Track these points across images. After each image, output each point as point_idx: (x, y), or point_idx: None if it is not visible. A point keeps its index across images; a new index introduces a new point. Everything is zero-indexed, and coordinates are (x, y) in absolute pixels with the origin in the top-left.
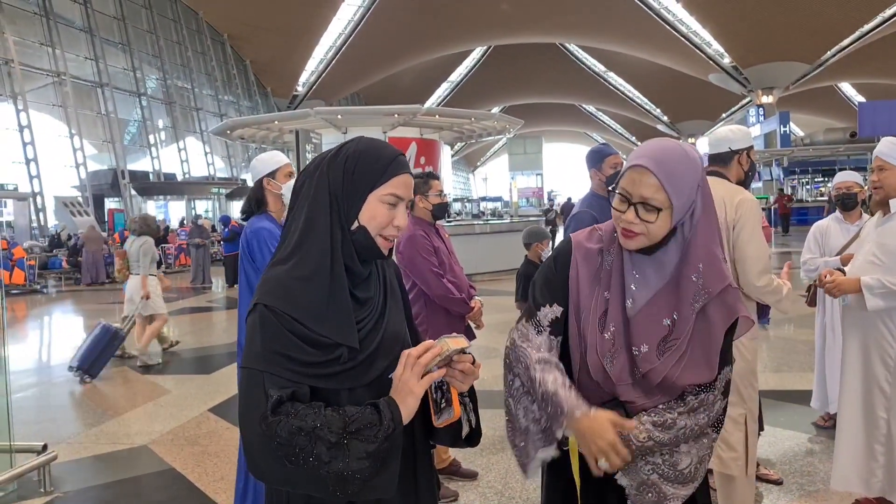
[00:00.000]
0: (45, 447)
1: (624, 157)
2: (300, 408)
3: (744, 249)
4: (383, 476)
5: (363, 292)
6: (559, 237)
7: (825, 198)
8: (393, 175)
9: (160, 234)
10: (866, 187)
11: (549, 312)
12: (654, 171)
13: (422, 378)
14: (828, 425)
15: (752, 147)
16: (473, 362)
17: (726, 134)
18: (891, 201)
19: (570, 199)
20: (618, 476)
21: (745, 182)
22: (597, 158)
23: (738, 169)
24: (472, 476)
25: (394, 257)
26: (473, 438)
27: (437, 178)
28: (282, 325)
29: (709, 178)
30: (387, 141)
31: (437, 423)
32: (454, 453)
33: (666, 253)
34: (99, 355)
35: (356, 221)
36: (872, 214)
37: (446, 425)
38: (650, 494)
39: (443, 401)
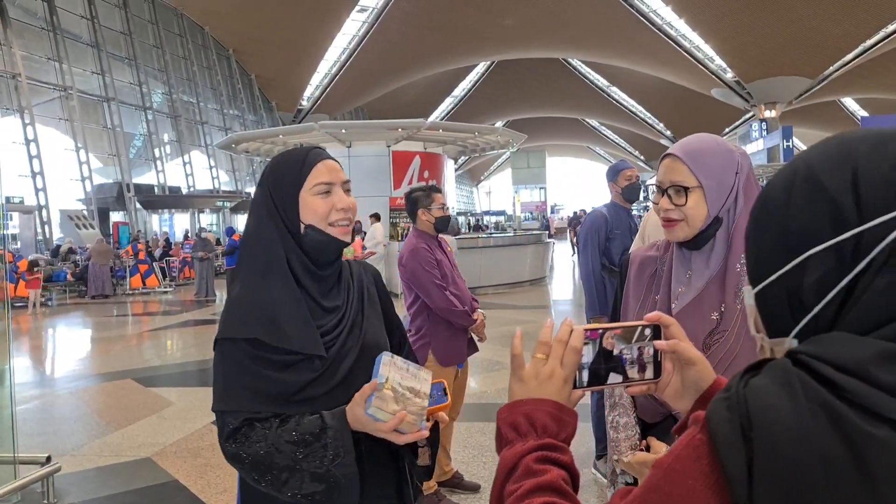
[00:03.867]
0: (48, 459)
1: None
2: (252, 433)
3: None
4: (342, 492)
5: (330, 301)
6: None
7: None
8: (311, 167)
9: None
10: None
11: None
12: (679, 154)
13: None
14: None
15: None
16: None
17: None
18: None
19: (576, 213)
20: None
21: None
22: (613, 173)
23: None
24: (474, 488)
25: (397, 269)
26: (423, 472)
27: (440, 191)
28: (241, 355)
29: None
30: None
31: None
32: (456, 465)
33: (714, 246)
34: None
35: (301, 224)
36: None
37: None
38: None
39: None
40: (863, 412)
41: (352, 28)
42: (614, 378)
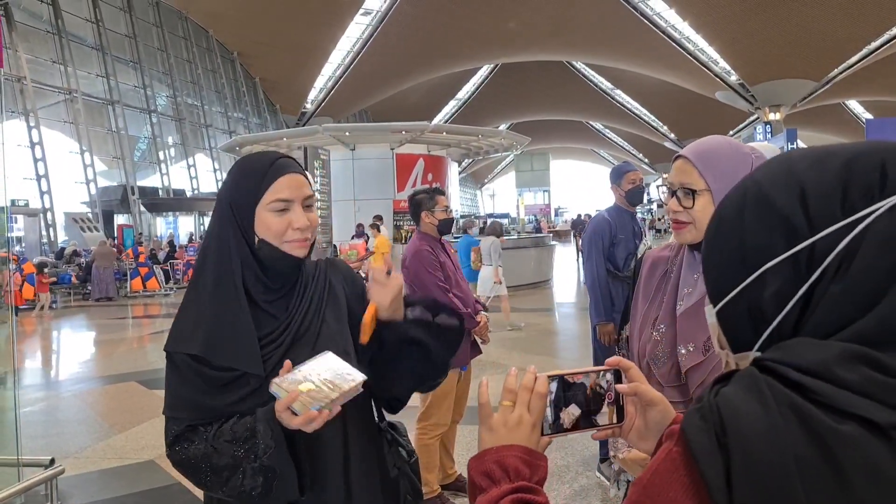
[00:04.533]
0: (52, 461)
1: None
2: (195, 436)
3: None
4: (280, 484)
5: (278, 309)
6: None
7: None
8: (271, 181)
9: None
10: None
11: (625, 333)
12: (689, 156)
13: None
14: None
15: None
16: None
17: (767, 155)
18: None
19: (580, 216)
20: None
21: None
22: (616, 175)
23: None
24: None
25: (399, 271)
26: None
27: (443, 193)
28: (182, 369)
29: None
30: (267, 152)
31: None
32: (460, 468)
33: None
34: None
35: (255, 236)
36: None
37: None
38: None
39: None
40: (830, 411)
41: (355, 31)
42: (582, 423)
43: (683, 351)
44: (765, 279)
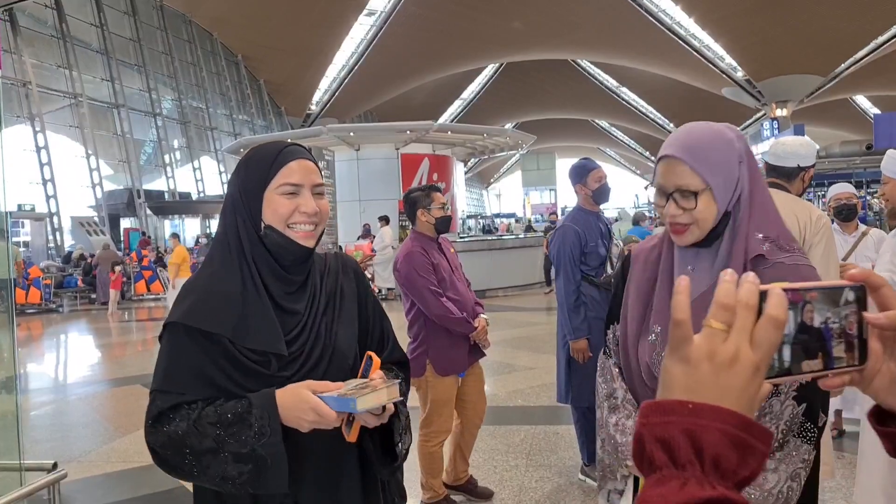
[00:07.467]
0: (55, 465)
1: (642, 171)
2: (176, 415)
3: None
4: (269, 474)
5: (292, 304)
6: None
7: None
8: (281, 166)
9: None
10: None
11: (611, 333)
12: (681, 156)
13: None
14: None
15: (815, 164)
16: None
17: (796, 149)
18: None
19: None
20: None
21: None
22: (581, 174)
23: (800, 185)
24: (487, 496)
25: (392, 274)
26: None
27: (439, 190)
28: (193, 342)
29: (775, 190)
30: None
31: (348, 438)
32: (471, 471)
33: (724, 242)
34: None
35: (262, 223)
36: (891, 228)
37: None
38: None
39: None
40: None
41: (359, 32)
42: (811, 364)
43: None
44: None
